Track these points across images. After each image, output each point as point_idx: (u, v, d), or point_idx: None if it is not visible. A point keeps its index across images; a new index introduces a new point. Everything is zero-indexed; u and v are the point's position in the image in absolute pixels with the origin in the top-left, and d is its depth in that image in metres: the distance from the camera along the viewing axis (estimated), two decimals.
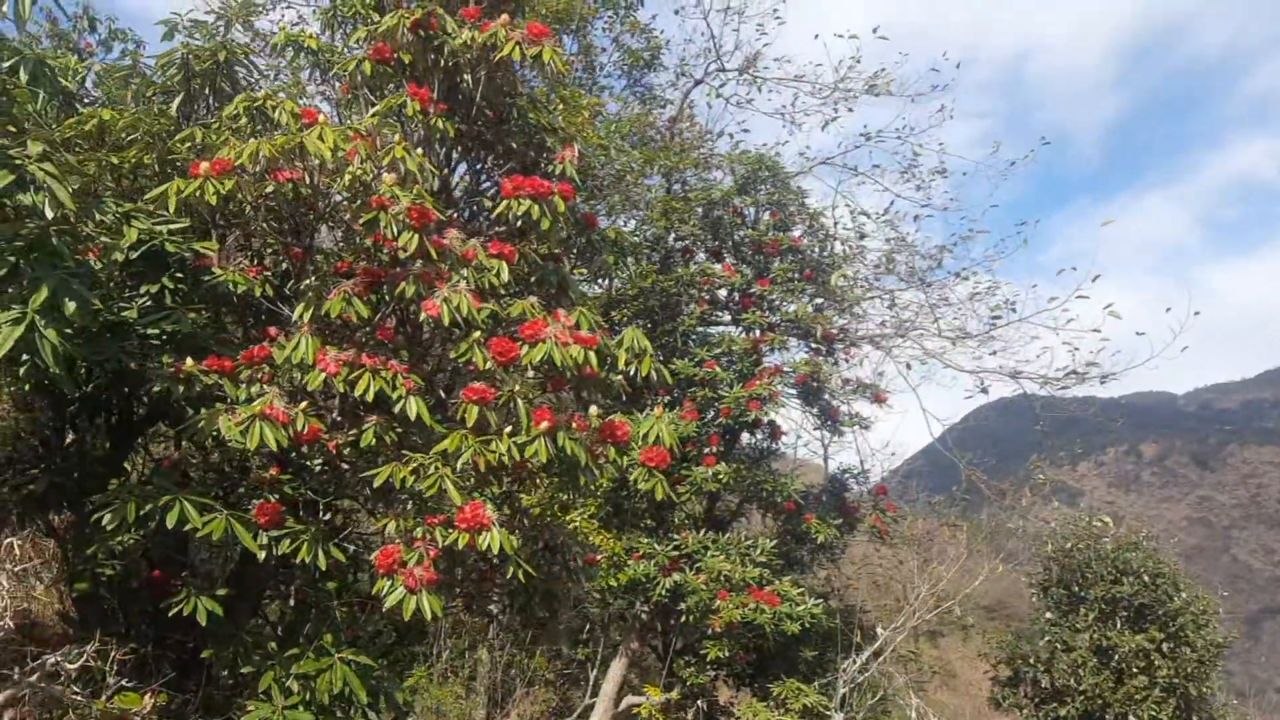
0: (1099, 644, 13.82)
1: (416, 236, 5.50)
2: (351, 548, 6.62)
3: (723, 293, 13.77)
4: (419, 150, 5.88)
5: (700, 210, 13.94)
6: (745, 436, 13.39)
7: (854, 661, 12.31)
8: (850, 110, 15.94)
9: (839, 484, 13.80)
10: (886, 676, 14.04)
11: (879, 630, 13.24)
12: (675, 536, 12.28)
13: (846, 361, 14.06)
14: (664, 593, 11.75)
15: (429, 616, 5.13)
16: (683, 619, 11.95)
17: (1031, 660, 14.45)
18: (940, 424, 14.64)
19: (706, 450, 12.33)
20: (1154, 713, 13.19)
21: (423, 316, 5.52)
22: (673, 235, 14.11)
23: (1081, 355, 13.12)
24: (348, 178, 5.57)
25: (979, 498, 15.73)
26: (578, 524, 11.51)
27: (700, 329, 13.62)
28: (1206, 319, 12.78)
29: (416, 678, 12.81)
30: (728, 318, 13.96)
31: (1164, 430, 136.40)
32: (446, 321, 5.45)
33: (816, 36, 15.24)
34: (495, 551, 5.33)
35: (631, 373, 6.33)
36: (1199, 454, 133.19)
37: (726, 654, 11.76)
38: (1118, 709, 13.38)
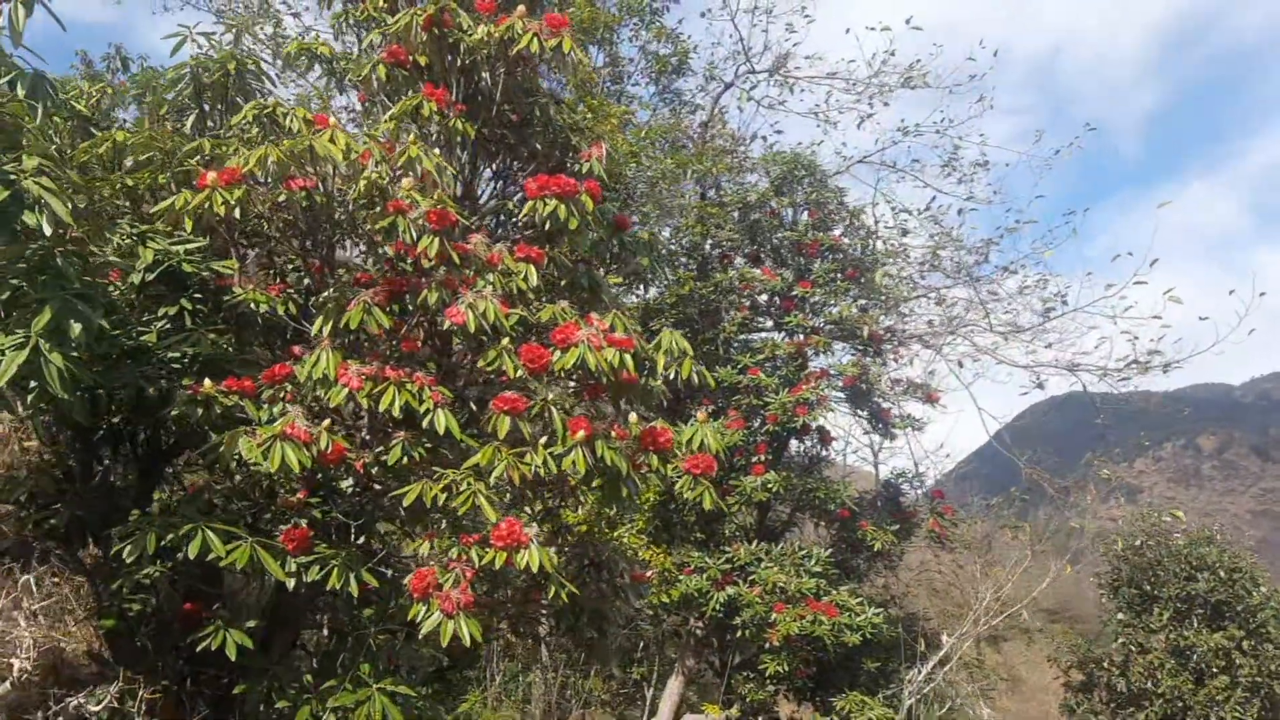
0: (1176, 644, 13.24)
1: (438, 241, 5.22)
2: (389, 572, 6.34)
3: (763, 297, 13.45)
4: (436, 151, 5.61)
5: (736, 214, 13.68)
6: (794, 444, 13.09)
7: (918, 671, 11.87)
8: (886, 105, 15.70)
9: (893, 489, 13.45)
10: (952, 685, 13.56)
11: (943, 638, 12.78)
12: (727, 549, 12.01)
13: (895, 362, 13.74)
14: (718, 607, 11.46)
15: (467, 641, 4.83)
16: (739, 633, 11.65)
17: (1105, 664, 13.86)
18: (996, 422, 14.24)
19: (754, 459, 12.07)
20: (1237, 714, 12.60)
21: (446, 324, 5.24)
22: (709, 241, 13.85)
23: (1141, 344, 12.71)
24: (363, 183, 5.31)
25: (1036, 498, 15.24)
26: (625, 540, 11.24)
27: (742, 336, 13.33)
28: (1259, 305, 12.35)
29: (470, 703, 12.55)
30: (770, 323, 13.64)
31: (1222, 422, 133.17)
32: (473, 328, 5.18)
33: (848, 31, 14.96)
34: (535, 569, 5.03)
35: (671, 376, 6.02)
36: (1260, 445, 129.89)
37: (786, 668, 11.42)
38: (1199, 711, 12.78)
